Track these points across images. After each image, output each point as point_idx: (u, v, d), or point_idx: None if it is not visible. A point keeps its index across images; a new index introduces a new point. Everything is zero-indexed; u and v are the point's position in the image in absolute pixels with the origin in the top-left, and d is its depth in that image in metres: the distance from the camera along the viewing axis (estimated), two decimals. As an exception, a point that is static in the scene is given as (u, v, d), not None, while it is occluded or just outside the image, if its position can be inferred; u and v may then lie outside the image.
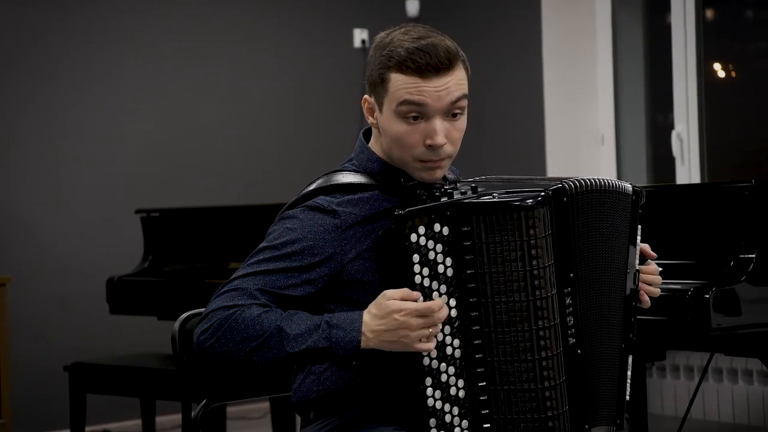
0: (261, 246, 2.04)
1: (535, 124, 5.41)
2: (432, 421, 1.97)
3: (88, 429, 4.28)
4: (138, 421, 4.70)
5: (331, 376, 2.09)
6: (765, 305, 2.93)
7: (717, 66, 4.99)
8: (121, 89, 5.35)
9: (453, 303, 1.97)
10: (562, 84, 5.34)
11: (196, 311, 2.37)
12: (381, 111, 2.06)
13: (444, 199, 1.99)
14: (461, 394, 1.97)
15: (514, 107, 5.58)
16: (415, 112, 2.01)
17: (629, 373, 2.14)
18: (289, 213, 2.06)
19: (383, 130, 2.07)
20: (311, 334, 1.94)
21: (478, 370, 1.97)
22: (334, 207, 2.04)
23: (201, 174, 5.54)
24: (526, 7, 5.49)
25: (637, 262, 2.16)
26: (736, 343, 3.04)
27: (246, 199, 5.41)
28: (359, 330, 1.93)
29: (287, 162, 5.71)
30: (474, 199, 1.97)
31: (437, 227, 1.96)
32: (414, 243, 1.95)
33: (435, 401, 1.97)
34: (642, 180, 5.21)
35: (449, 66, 2.01)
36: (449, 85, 2.01)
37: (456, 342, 1.97)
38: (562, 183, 2.00)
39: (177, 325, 2.37)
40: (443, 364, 1.97)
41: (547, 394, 1.96)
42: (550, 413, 1.96)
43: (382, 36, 2.08)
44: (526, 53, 5.48)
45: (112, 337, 5.15)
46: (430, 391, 1.97)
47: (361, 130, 2.20)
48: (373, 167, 2.11)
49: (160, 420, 4.76)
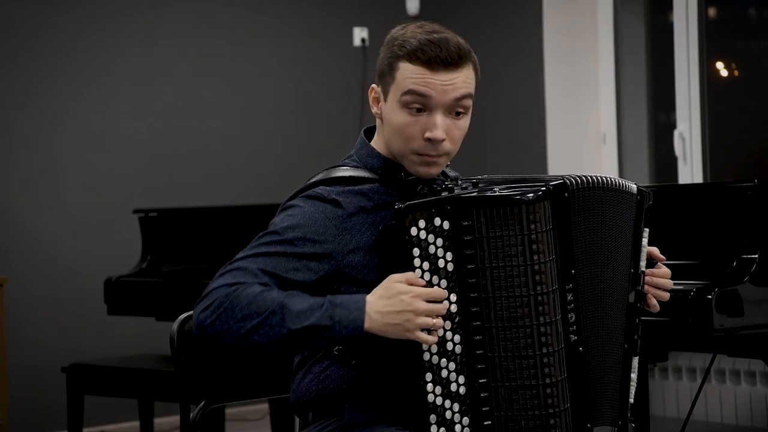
0: (262, 233, 2.05)
1: (536, 124, 5.41)
2: (432, 417, 1.97)
3: (85, 431, 4.28)
4: (136, 423, 4.70)
5: (330, 375, 2.09)
6: (768, 306, 2.93)
7: (720, 65, 4.99)
8: (120, 88, 5.35)
9: (453, 298, 1.97)
10: (564, 83, 5.34)
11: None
12: (386, 99, 2.08)
13: (444, 193, 2.00)
14: (462, 390, 1.98)
15: (515, 106, 5.58)
16: (418, 103, 2.03)
17: (634, 375, 2.14)
18: (291, 203, 2.08)
19: (386, 119, 2.09)
20: (314, 312, 1.94)
21: (479, 366, 1.97)
22: (334, 196, 2.06)
23: (199, 174, 5.54)
24: (527, 6, 5.49)
25: (643, 264, 2.15)
26: (738, 344, 3.04)
27: (245, 199, 5.41)
28: (363, 309, 1.94)
29: (286, 162, 5.71)
30: (475, 193, 1.97)
31: (438, 221, 1.96)
32: (414, 237, 1.96)
33: (435, 397, 1.97)
34: (644, 180, 5.21)
35: (458, 62, 2.04)
36: (456, 81, 2.03)
37: (457, 338, 1.98)
38: (563, 179, 2.00)
39: (175, 325, 2.37)
40: (444, 360, 1.97)
41: (549, 390, 1.96)
42: (551, 410, 1.96)
43: (397, 29, 2.12)
44: (527, 52, 5.48)
45: (110, 338, 5.15)
46: (430, 386, 1.97)
47: (363, 128, 2.21)
48: (373, 163, 2.13)
49: (158, 422, 4.76)
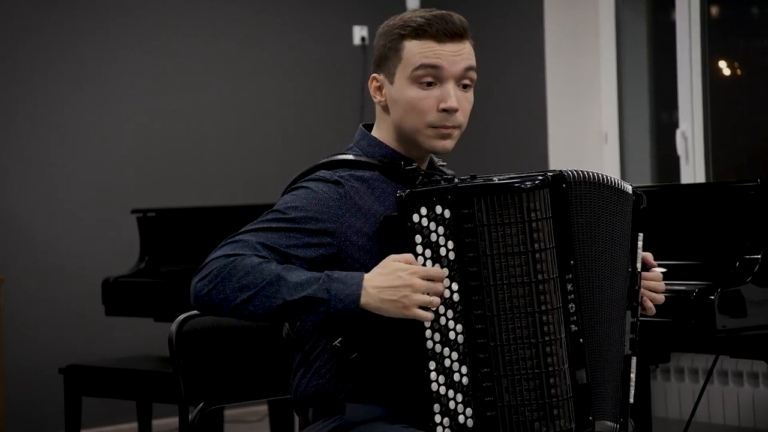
0: (265, 212, 2.08)
1: (537, 123, 5.41)
2: (436, 406, 1.99)
3: (83, 432, 4.28)
4: (134, 425, 4.70)
5: (331, 369, 2.11)
6: (771, 307, 2.93)
7: (722, 64, 4.99)
8: (117, 87, 5.35)
9: (455, 287, 1.99)
10: (565, 82, 5.34)
11: (193, 312, 2.37)
12: (392, 82, 2.12)
13: (444, 184, 2.04)
14: (465, 380, 1.99)
15: (517, 106, 5.58)
16: (430, 76, 2.09)
17: (633, 375, 2.15)
18: (294, 185, 2.11)
19: (395, 100, 2.13)
20: (311, 284, 1.96)
21: (481, 355, 1.98)
22: (336, 177, 2.09)
23: (198, 173, 5.54)
24: (529, 4, 5.49)
25: (639, 265, 2.17)
26: (741, 345, 3.04)
27: (244, 199, 5.41)
28: (360, 284, 1.96)
29: (286, 161, 5.71)
30: (475, 182, 2.01)
31: (439, 209, 2.00)
32: (416, 223, 1.99)
33: (439, 386, 1.99)
34: (646, 179, 5.21)
35: (463, 33, 2.12)
36: (463, 52, 2.11)
37: (459, 327, 2.00)
38: (561, 171, 2.04)
39: (174, 326, 2.37)
40: (446, 349, 1.99)
41: (551, 380, 1.98)
42: (554, 400, 1.98)
43: (388, 20, 2.16)
44: (529, 50, 5.48)
45: (107, 338, 5.15)
46: (434, 375, 1.99)
47: (360, 124, 2.23)
48: (375, 152, 2.16)
49: (156, 423, 4.76)
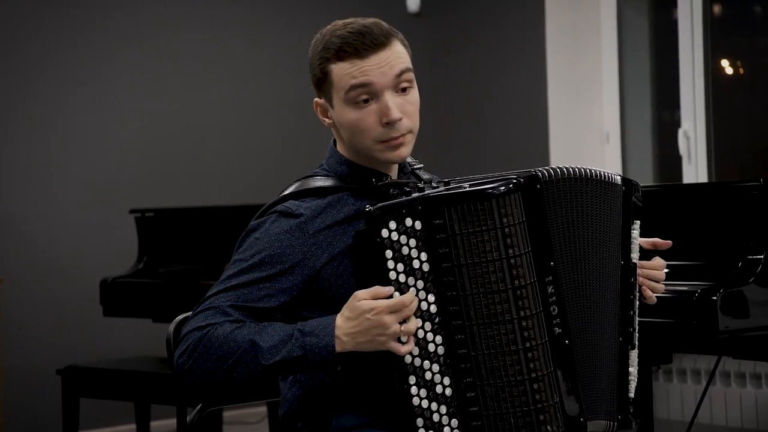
0: (231, 261, 2.07)
1: (538, 123, 5.41)
2: (419, 420, 1.98)
3: (81, 434, 4.28)
4: (132, 426, 4.70)
5: (317, 383, 2.10)
6: (774, 307, 2.93)
7: (725, 62, 4.99)
8: (116, 86, 5.35)
9: (432, 299, 1.98)
10: (566, 81, 5.34)
11: (191, 313, 2.37)
12: (332, 106, 2.12)
13: (415, 194, 2.01)
14: (448, 392, 1.98)
15: (517, 105, 5.58)
16: (364, 94, 2.06)
17: (633, 369, 2.14)
18: (255, 224, 2.09)
19: (339, 124, 2.12)
20: (285, 344, 1.96)
21: (463, 366, 1.97)
22: (302, 211, 2.07)
23: (196, 173, 5.54)
24: (530, 3, 5.49)
25: (635, 255, 2.16)
26: (744, 346, 3.04)
27: (243, 199, 5.41)
28: (332, 334, 1.95)
29: (285, 161, 5.71)
30: (445, 191, 1.99)
31: (409, 222, 1.97)
32: (386, 238, 1.97)
33: (421, 400, 1.98)
34: (648, 179, 5.21)
35: (385, 42, 2.07)
36: (390, 59, 2.06)
37: (438, 339, 1.99)
38: (535, 171, 2.02)
39: (172, 327, 2.37)
40: (426, 362, 1.98)
41: (535, 386, 1.97)
42: (540, 405, 1.97)
43: (316, 36, 2.16)
44: (530, 50, 5.48)
45: (105, 339, 5.15)
46: (414, 390, 1.98)
47: (331, 140, 2.23)
48: (342, 170, 2.15)
49: (155, 425, 4.76)
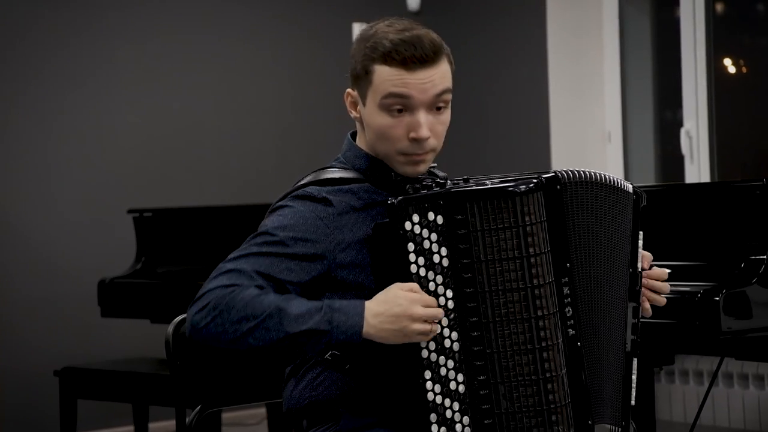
0: (254, 234, 2.07)
1: (540, 122, 5.41)
2: (433, 416, 1.98)
3: (78, 435, 4.28)
4: (131, 428, 4.70)
5: (324, 381, 2.10)
6: (777, 308, 2.93)
7: (727, 61, 4.99)
8: (113, 85, 5.35)
9: (450, 294, 1.99)
10: (568, 80, 5.34)
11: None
12: (364, 104, 2.11)
13: (436, 189, 2.02)
14: (461, 388, 1.99)
15: (519, 104, 5.58)
16: (399, 104, 2.06)
17: (634, 377, 2.15)
18: (281, 203, 2.10)
19: (367, 123, 2.12)
20: (312, 316, 1.95)
21: (478, 363, 1.98)
22: (324, 194, 2.08)
23: (195, 173, 5.54)
24: (531, 1, 5.49)
25: (640, 264, 2.17)
26: (747, 347, 3.04)
27: (241, 199, 5.41)
28: (362, 315, 1.95)
29: (284, 160, 5.71)
30: (467, 187, 2.00)
31: (431, 216, 1.98)
32: (408, 231, 1.98)
33: (435, 395, 1.99)
34: (650, 179, 5.21)
35: (434, 58, 2.06)
36: (434, 78, 2.06)
37: (454, 335, 1.99)
38: (555, 172, 2.03)
39: (171, 328, 2.37)
40: (442, 357, 1.99)
41: (549, 386, 1.98)
42: (552, 405, 1.98)
43: (365, 28, 2.13)
44: (531, 48, 5.48)
45: (103, 340, 5.15)
46: (429, 384, 1.98)
47: (349, 132, 2.23)
48: (360, 163, 2.15)
49: (153, 426, 4.76)
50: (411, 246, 1.98)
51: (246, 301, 1.95)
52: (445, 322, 1.99)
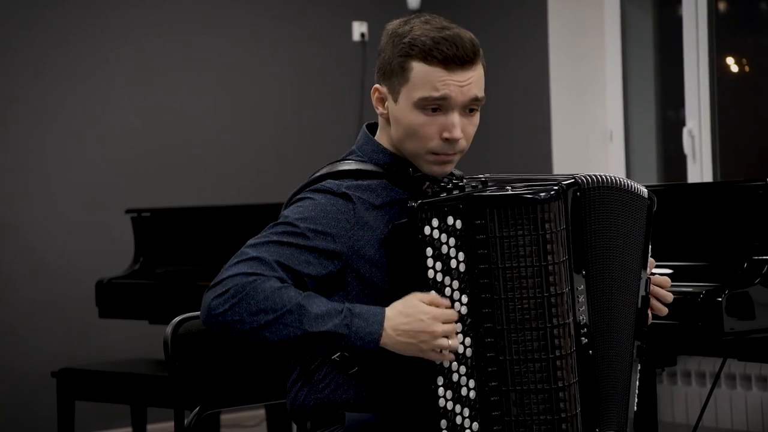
0: (274, 222, 2.05)
1: (541, 121, 5.41)
2: (443, 422, 1.98)
3: (76, 437, 4.28)
4: (129, 429, 4.70)
5: (329, 384, 2.09)
6: (780, 309, 2.93)
7: (730, 60, 4.99)
8: (112, 84, 5.35)
9: (465, 300, 1.98)
10: (569, 79, 5.34)
11: (189, 315, 2.37)
12: (396, 101, 2.08)
13: (456, 192, 2.01)
14: (472, 394, 1.99)
15: (520, 103, 5.58)
16: (435, 104, 2.04)
17: (636, 382, 2.15)
18: (301, 195, 2.08)
19: (397, 120, 2.09)
20: (332, 318, 1.94)
21: (490, 369, 1.98)
22: (344, 190, 2.06)
23: (194, 173, 5.54)
24: (532, 0, 5.49)
25: (650, 269, 2.17)
26: (749, 348, 3.04)
27: (241, 199, 5.41)
28: (381, 324, 1.95)
29: (284, 160, 5.71)
30: (488, 192, 1.99)
31: (450, 220, 1.97)
32: (428, 236, 1.97)
33: (446, 402, 1.98)
34: (652, 178, 5.21)
35: (473, 59, 2.06)
36: (472, 80, 2.06)
37: (467, 340, 1.99)
38: (574, 177, 2.01)
39: (169, 329, 2.37)
40: (455, 363, 1.98)
41: (561, 395, 1.97)
42: (563, 415, 1.97)
43: (398, 23, 2.11)
44: (532, 47, 5.48)
45: (101, 341, 5.15)
46: (441, 391, 1.98)
47: (364, 124, 2.21)
48: (379, 158, 2.13)
49: (151, 428, 4.76)
50: (429, 251, 1.97)
51: (267, 293, 1.93)
52: (458, 327, 1.98)
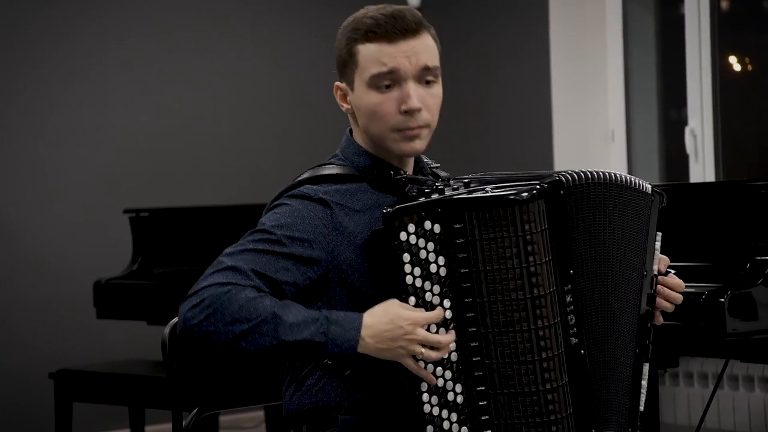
0: (251, 231, 2.06)
1: (542, 121, 5.41)
2: (429, 428, 1.97)
3: (74, 439, 4.28)
4: (126, 431, 4.70)
5: (323, 387, 2.10)
6: (783, 309, 2.93)
7: (732, 59, 4.99)
8: (109, 83, 5.35)
9: (447, 304, 1.98)
10: (571, 78, 5.34)
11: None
12: (353, 89, 2.12)
13: (435, 195, 2.00)
14: (459, 399, 1.98)
15: (521, 103, 5.58)
16: (387, 79, 2.07)
17: (644, 382, 2.14)
18: (278, 202, 2.09)
19: (357, 108, 2.12)
20: (308, 326, 1.94)
21: (476, 373, 1.97)
22: (321, 195, 2.07)
23: (192, 172, 5.54)
24: (533, -2, 5.49)
25: (655, 268, 2.15)
26: (752, 349, 3.04)
27: (239, 199, 5.40)
28: (359, 330, 1.94)
29: (282, 160, 5.71)
30: (466, 194, 1.98)
31: (428, 225, 1.97)
32: (404, 242, 1.96)
33: (432, 407, 1.97)
34: (654, 178, 5.21)
35: (416, 29, 2.09)
36: (417, 48, 2.08)
37: (452, 345, 1.98)
38: (558, 176, 2.00)
39: (167, 330, 2.37)
40: (439, 368, 1.98)
41: (549, 396, 1.97)
42: (553, 417, 1.97)
43: (346, 20, 2.17)
44: (533, 45, 5.48)
45: (99, 342, 5.15)
46: (426, 396, 1.97)
47: (348, 128, 2.23)
48: (359, 161, 2.15)
49: (149, 429, 4.76)
50: (407, 257, 1.96)
51: (241, 302, 1.93)
52: (442, 332, 1.98)
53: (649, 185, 2.13)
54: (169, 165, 5.48)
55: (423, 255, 1.97)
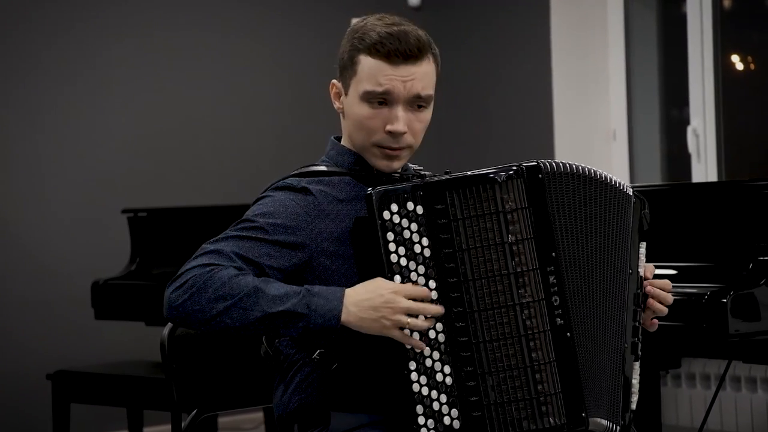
0: (236, 221, 2.14)
1: (543, 120, 5.42)
2: (419, 408, 2.00)
3: (72, 440, 4.28)
4: (125, 432, 4.71)
5: (312, 383, 2.13)
6: (785, 310, 2.93)
7: (735, 58, 5.00)
8: (108, 83, 5.35)
9: (432, 285, 2.02)
10: (572, 77, 5.35)
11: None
12: (347, 93, 2.18)
13: (416, 180, 2.06)
14: (448, 380, 2.01)
15: (522, 101, 5.58)
16: (380, 98, 2.12)
17: (635, 381, 2.15)
18: (261, 195, 2.18)
19: (347, 113, 2.19)
20: (290, 298, 2.00)
21: (464, 354, 2.01)
22: (304, 185, 2.14)
23: (191, 172, 5.54)
24: (534, -4, 5.49)
25: (641, 270, 2.17)
26: (755, 350, 3.04)
27: (237, 199, 5.40)
28: (341, 300, 2.00)
29: (281, 159, 5.71)
30: (446, 177, 2.04)
31: (410, 206, 2.02)
32: (387, 220, 2.02)
33: (421, 387, 2.01)
34: (656, 178, 5.21)
35: (418, 55, 2.12)
36: (415, 75, 2.12)
37: (439, 326, 2.02)
38: (537, 162, 2.05)
39: (166, 331, 2.37)
40: (427, 349, 2.01)
41: (537, 376, 2.00)
42: (542, 397, 2.00)
43: (356, 21, 2.19)
44: (534, 44, 5.48)
45: (97, 343, 5.15)
46: (414, 376, 2.00)
47: (332, 136, 2.29)
48: (345, 160, 2.22)
49: (148, 431, 4.76)
50: (391, 236, 2.02)
51: (224, 280, 2.00)
52: (429, 309, 2.01)
53: (631, 189, 2.17)
54: (168, 165, 5.48)
55: (407, 235, 2.02)
